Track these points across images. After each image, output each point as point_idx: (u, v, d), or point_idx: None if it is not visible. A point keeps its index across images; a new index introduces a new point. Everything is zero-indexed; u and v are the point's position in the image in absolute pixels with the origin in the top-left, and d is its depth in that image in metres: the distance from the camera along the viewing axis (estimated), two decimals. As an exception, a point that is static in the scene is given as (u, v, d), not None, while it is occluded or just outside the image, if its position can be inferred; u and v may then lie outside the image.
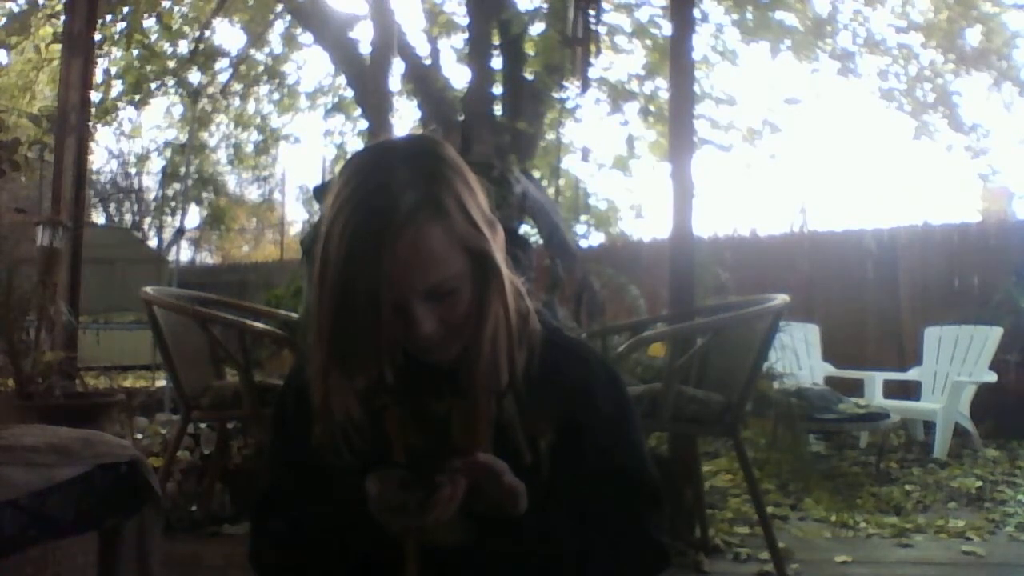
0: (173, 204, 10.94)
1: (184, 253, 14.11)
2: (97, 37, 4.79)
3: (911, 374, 5.74)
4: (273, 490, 1.16)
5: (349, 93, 8.24)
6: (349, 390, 1.03)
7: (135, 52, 7.58)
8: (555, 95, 6.29)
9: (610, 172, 8.46)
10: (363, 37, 6.93)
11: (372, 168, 1.01)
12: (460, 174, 1.02)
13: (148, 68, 7.92)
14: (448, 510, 0.94)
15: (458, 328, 1.01)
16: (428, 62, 7.10)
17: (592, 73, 5.95)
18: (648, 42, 7.58)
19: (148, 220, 16.66)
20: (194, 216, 13.34)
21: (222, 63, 8.68)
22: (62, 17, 4.48)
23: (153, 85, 8.37)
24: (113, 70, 7.85)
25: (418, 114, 7.12)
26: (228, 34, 25.39)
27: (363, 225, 0.95)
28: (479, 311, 1.01)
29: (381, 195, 0.96)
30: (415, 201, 0.96)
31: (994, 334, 5.39)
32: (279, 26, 8.74)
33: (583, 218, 7.59)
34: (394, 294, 0.96)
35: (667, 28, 5.99)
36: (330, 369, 1.02)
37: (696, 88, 6.03)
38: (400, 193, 0.96)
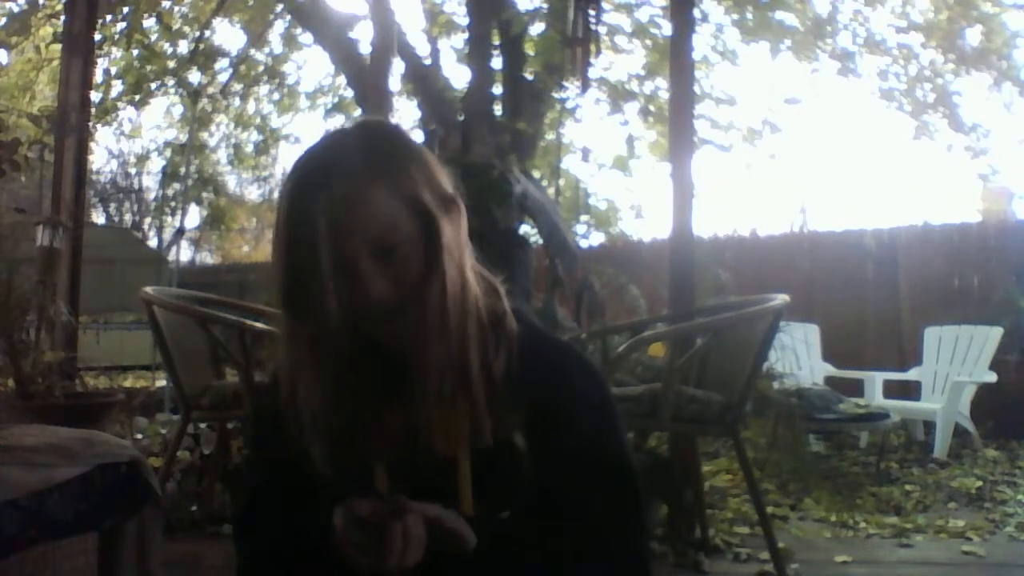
0: (173, 204, 10.92)
1: (184, 253, 14.09)
2: (97, 37, 4.79)
3: (911, 374, 5.74)
4: (247, 509, 1.15)
5: (349, 93, 8.23)
6: (315, 377, 1.01)
7: (135, 52, 7.58)
8: (555, 95, 6.29)
9: (610, 172, 8.48)
10: (363, 37, 6.93)
11: (322, 143, 1.05)
12: (410, 151, 1.04)
13: (148, 68, 7.92)
14: (407, 558, 0.92)
15: (410, 294, 1.00)
16: (428, 62, 7.10)
17: (592, 73, 5.95)
18: (648, 42, 7.59)
19: (148, 220, 16.65)
20: (194, 216, 13.32)
21: (222, 63, 8.67)
22: (62, 17, 4.48)
23: (153, 85, 8.37)
24: (113, 70, 7.85)
25: (418, 114, 7.11)
26: (228, 34, 25.40)
27: (306, 182, 1.00)
28: (426, 274, 1.00)
29: (326, 158, 1.02)
30: (359, 163, 1.00)
31: (994, 334, 5.39)
32: (279, 26, 8.74)
33: (583, 218, 7.59)
34: (337, 248, 0.96)
35: (667, 28, 5.99)
36: (293, 334, 1.02)
37: (696, 88, 6.04)
38: (345, 157, 1.01)
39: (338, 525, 0.94)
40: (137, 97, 8.29)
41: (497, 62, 6.28)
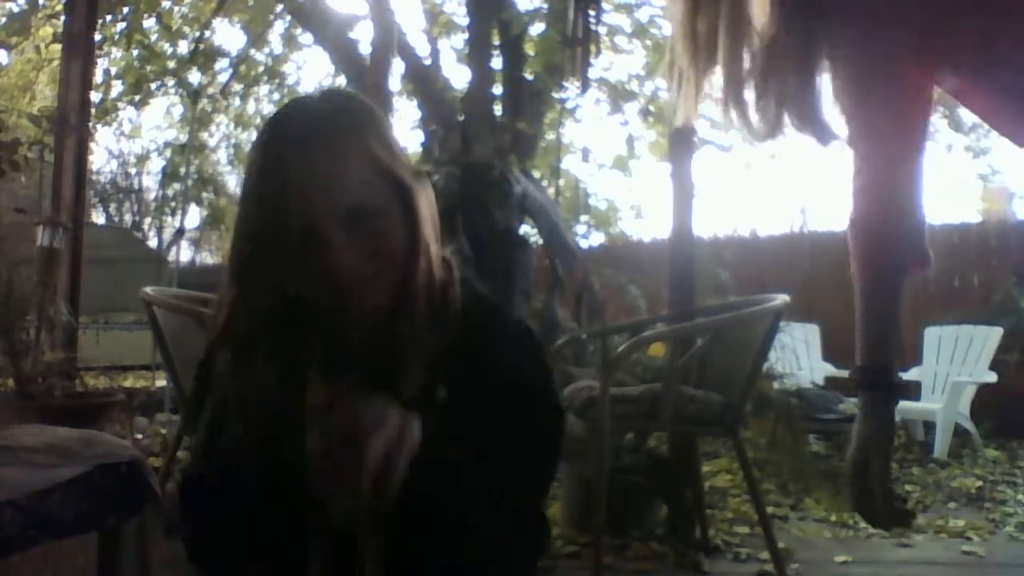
0: (173, 204, 10.93)
1: (184, 253, 14.09)
2: (97, 37, 4.79)
3: (911, 374, 5.73)
4: (195, 480, 1.13)
5: (349, 93, 8.22)
6: (255, 320, 0.99)
7: (135, 52, 7.57)
8: (555, 95, 6.28)
9: (610, 172, 8.45)
10: (363, 37, 6.92)
11: (288, 110, 1.04)
12: (379, 118, 1.02)
13: (148, 68, 7.91)
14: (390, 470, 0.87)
15: (389, 266, 0.97)
16: (428, 62, 7.09)
17: (592, 73, 5.95)
18: (648, 42, 7.58)
19: (148, 220, 16.64)
20: (194, 216, 13.32)
21: (222, 63, 8.65)
22: (62, 17, 4.47)
23: (153, 85, 8.35)
24: (113, 70, 7.84)
25: (418, 114, 7.10)
26: (228, 34, 25.31)
27: (276, 138, 0.98)
28: (408, 249, 0.98)
29: (295, 123, 0.99)
30: (329, 121, 0.97)
31: (994, 334, 5.39)
32: (279, 26, 8.72)
33: (583, 218, 7.58)
34: (308, 213, 0.93)
35: (667, 28, 5.99)
36: (239, 291, 1.01)
37: (696, 88, 6.01)
38: (314, 115, 0.99)
39: (314, 442, 0.89)
40: (137, 97, 8.27)
41: (497, 62, 6.27)
